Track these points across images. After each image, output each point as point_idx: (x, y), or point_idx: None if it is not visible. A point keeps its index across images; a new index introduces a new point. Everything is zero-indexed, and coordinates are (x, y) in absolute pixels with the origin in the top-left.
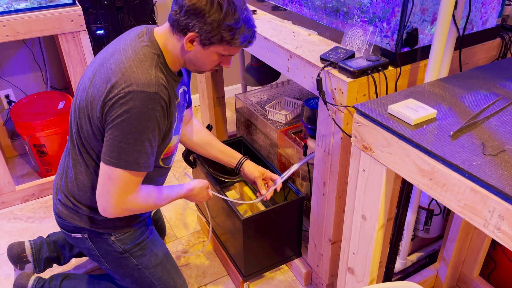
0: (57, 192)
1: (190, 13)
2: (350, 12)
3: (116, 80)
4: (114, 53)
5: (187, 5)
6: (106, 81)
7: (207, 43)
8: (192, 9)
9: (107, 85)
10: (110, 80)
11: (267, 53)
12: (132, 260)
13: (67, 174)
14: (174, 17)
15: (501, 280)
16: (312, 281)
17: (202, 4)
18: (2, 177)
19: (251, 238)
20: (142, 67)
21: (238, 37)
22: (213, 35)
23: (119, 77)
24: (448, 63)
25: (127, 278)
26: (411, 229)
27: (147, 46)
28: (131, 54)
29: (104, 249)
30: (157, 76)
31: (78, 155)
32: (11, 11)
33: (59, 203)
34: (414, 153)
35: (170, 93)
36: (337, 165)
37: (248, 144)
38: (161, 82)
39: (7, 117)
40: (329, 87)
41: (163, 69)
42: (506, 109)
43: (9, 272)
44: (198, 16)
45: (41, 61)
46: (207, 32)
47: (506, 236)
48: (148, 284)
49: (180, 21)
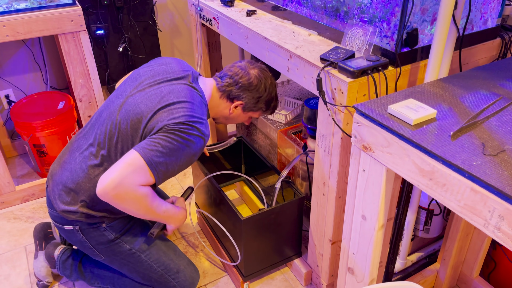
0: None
1: (244, 88)
2: (350, 12)
3: (169, 101)
4: (172, 92)
5: (242, 83)
6: (159, 101)
7: (248, 110)
8: (246, 85)
9: (160, 102)
10: (164, 99)
11: (267, 53)
12: (125, 246)
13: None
14: (227, 88)
15: (501, 280)
16: (312, 281)
17: (255, 84)
18: (2, 177)
19: (251, 238)
20: (196, 101)
21: (269, 109)
22: (255, 106)
23: (173, 100)
24: (448, 63)
25: (125, 266)
26: (411, 229)
27: (197, 92)
28: (186, 90)
29: (96, 239)
30: (205, 113)
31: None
32: (11, 11)
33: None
34: (414, 153)
35: (208, 128)
36: (337, 165)
37: (248, 144)
38: (206, 120)
39: (7, 117)
40: (329, 87)
41: (206, 113)
42: (506, 109)
43: (9, 272)
44: (248, 91)
45: (41, 61)
46: (252, 104)
47: (506, 236)
48: (147, 268)
49: (232, 92)
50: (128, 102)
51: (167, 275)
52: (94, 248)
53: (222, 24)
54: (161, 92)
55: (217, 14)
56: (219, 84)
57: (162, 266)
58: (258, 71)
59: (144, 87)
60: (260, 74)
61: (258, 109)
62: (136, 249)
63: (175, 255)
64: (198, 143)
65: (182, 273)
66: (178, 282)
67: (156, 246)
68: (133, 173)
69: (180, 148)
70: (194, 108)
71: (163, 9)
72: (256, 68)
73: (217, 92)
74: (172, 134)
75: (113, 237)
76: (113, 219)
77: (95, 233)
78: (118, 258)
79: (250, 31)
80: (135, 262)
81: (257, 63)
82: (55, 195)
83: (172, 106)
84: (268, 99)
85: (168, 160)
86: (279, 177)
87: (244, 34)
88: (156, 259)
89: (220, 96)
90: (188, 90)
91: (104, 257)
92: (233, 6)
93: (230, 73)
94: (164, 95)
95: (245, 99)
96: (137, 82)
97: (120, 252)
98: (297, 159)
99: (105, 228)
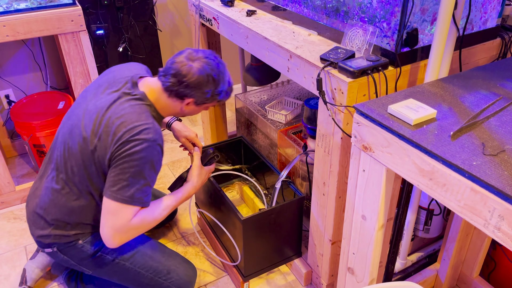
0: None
1: (190, 86)
2: (350, 12)
3: (121, 134)
4: (110, 105)
5: (187, 81)
6: (111, 135)
7: (201, 103)
8: (191, 83)
9: (113, 139)
10: (115, 134)
11: (267, 53)
12: (107, 257)
13: (41, 195)
14: (172, 87)
15: (501, 280)
16: (312, 281)
17: (201, 80)
18: (2, 177)
19: (251, 238)
20: (141, 118)
21: (225, 96)
22: (207, 99)
23: (123, 131)
24: (448, 63)
25: (114, 276)
26: (411, 229)
27: (140, 99)
28: (128, 107)
29: (77, 256)
30: (154, 124)
31: (68, 182)
32: (11, 11)
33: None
34: (414, 153)
35: (162, 136)
36: (337, 165)
37: (248, 144)
38: (158, 130)
39: (7, 117)
40: (329, 87)
41: (156, 116)
42: (506, 109)
43: (9, 272)
44: (196, 88)
45: (41, 61)
46: (203, 98)
47: (506, 236)
48: (135, 275)
49: (179, 91)
50: (76, 125)
51: (158, 278)
52: (79, 265)
53: (222, 24)
54: (101, 110)
55: (217, 14)
56: (164, 84)
57: (151, 270)
58: (200, 64)
59: (87, 105)
60: (203, 66)
61: (212, 100)
62: (119, 259)
63: (163, 257)
64: (153, 151)
65: (174, 273)
66: (171, 282)
67: (140, 252)
68: (117, 218)
69: (141, 169)
70: (133, 118)
71: (163, 9)
72: (197, 61)
73: (164, 93)
74: (125, 163)
75: (93, 251)
76: (89, 234)
77: (74, 251)
78: (104, 270)
79: (250, 31)
80: (121, 271)
81: (199, 53)
82: (30, 222)
83: (113, 127)
84: (219, 89)
85: (138, 185)
86: (279, 177)
87: (244, 34)
88: (142, 265)
89: (168, 95)
90: (125, 101)
91: (92, 271)
92: (233, 6)
93: (172, 71)
94: (103, 114)
95: (194, 96)
96: (82, 102)
97: (104, 264)
98: (297, 159)
99: (82, 245)
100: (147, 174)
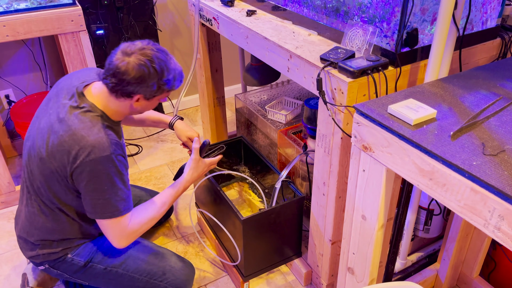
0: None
1: (132, 83)
2: (350, 12)
3: (76, 152)
4: (60, 122)
5: (128, 79)
6: (66, 154)
7: (151, 97)
8: (133, 80)
9: (69, 158)
10: (70, 152)
11: (267, 53)
12: (99, 266)
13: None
14: (116, 88)
15: (501, 280)
16: (312, 281)
17: (141, 74)
18: (2, 177)
19: (251, 238)
20: (93, 132)
21: (175, 84)
22: (156, 91)
23: (77, 149)
24: (448, 63)
25: (110, 284)
26: (411, 229)
27: (88, 111)
28: (78, 122)
29: (69, 269)
30: (107, 136)
31: (40, 202)
32: (11, 11)
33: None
34: (414, 153)
35: (119, 142)
36: (337, 165)
37: (248, 144)
38: (113, 141)
39: (7, 117)
40: (329, 87)
41: (109, 125)
42: (506, 109)
43: (9, 272)
44: (139, 83)
45: (41, 61)
46: (150, 92)
47: (506, 236)
48: (130, 280)
49: (123, 90)
50: (31, 147)
51: (153, 280)
52: (73, 277)
53: (222, 24)
54: (51, 129)
55: (217, 14)
56: (108, 86)
57: (145, 273)
58: (137, 58)
59: (40, 123)
60: (140, 60)
61: (162, 91)
62: (111, 266)
63: (156, 258)
64: (113, 163)
65: (169, 273)
66: (168, 283)
67: (131, 257)
68: (114, 230)
69: (111, 182)
70: (84, 133)
71: (163, 9)
72: (133, 55)
73: (111, 95)
74: (92, 185)
75: (84, 263)
76: (76, 247)
77: (65, 265)
78: (99, 279)
79: (250, 31)
80: (116, 278)
81: (135, 45)
82: (19, 245)
83: (66, 146)
84: (164, 79)
85: (116, 197)
86: (279, 177)
87: (244, 34)
88: (135, 269)
89: (115, 97)
90: (74, 116)
91: (87, 281)
92: (233, 6)
93: (111, 71)
94: (55, 132)
95: (141, 91)
96: (36, 120)
97: (97, 273)
98: (297, 159)
99: (71, 258)
100: (118, 183)
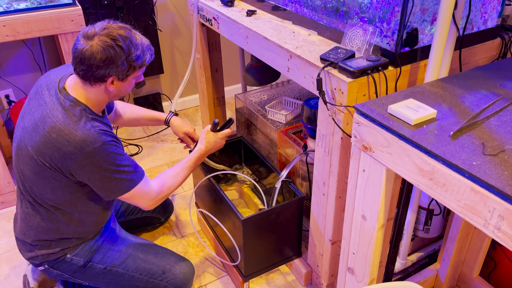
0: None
1: (101, 66)
2: (350, 12)
3: (67, 148)
4: (44, 119)
5: (95, 63)
6: (57, 151)
7: (125, 77)
8: (100, 62)
9: (60, 155)
10: (60, 149)
11: (267, 53)
12: (98, 266)
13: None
14: (87, 74)
15: (501, 280)
16: (312, 281)
17: (107, 55)
18: (2, 177)
19: (251, 238)
20: (79, 126)
21: (145, 58)
22: (127, 70)
23: (67, 145)
24: (448, 63)
25: (110, 284)
26: (411, 229)
27: (71, 105)
28: (62, 118)
29: (69, 270)
30: (93, 127)
31: (34, 202)
32: (11, 11)
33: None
34: (414, 153)
35: (108, 130)
36: (337, 165)
37: (248, 144)
38: (101, 131)
39: (7, 117)
40: (329, 87)
41: (94, 117)
42: (506, 109)
43: (8, 272)
44: (109, 65)
45: (41, 61)
46: (122, 71)
47: (506, 236)
48: (129, 280)
49: (94, 75)
50: (19, 147)
51: (153, 279)
52: (72, 277)
53: (222, 24)
54: (36, 127)
55: (217, 14)
56: (79, 75)
57: (144, 272)
58: (100, 39)
59: (24, 123)
60: (104, 41)
61: (134, 69)
62: (111, 266)
63: (156, 257)
64: (109, 150)
65: (169, 273)
66: (168, 282)
67: (131, 256)
68: (139, 198)
69: (116, 164)
70: (72, 128)
71: (163, 9)
72: (96, 38)
73: (85, 84)
74: (97, 174)
75: (83, 263)
76: (75, 247)
77: (64, 266)
78: (99, 279)
79: (250, 31)
80: (115, 278)
81: (95, 27)
82: (18, 247)
83: (55, 143)
84: (133, 56)
85: (124, 174)
86: (279, 177)
87: (244, 34)
88: (135, 268)
89: (90, 85)
90: (58, 112)
91: (87, 282)
92: (233, 6)
93: (78, 59)
94: (42, 129)
95: (112, 73)
96: (21, 120)
97: (97, 273)
98: (297, 159)
99: (71, 258)
100: (121, 162)
